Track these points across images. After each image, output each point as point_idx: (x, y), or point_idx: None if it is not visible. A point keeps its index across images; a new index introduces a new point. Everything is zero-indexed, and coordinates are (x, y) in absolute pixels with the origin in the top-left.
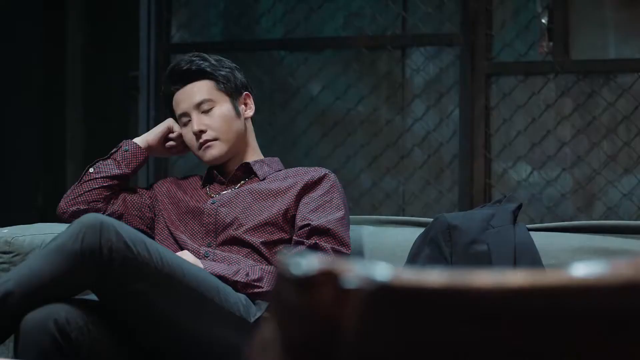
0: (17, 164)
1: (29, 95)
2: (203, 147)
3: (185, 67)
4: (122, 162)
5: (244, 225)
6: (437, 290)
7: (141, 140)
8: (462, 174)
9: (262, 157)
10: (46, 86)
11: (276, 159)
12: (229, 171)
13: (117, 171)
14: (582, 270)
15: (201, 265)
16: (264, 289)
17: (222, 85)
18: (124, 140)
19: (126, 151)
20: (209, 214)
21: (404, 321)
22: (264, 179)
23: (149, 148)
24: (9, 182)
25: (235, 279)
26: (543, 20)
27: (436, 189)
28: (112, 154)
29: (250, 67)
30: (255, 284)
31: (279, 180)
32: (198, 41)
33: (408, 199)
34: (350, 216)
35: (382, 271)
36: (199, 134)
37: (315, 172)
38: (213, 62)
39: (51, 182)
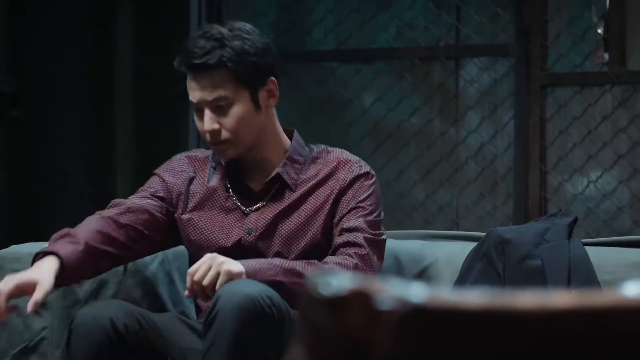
0: (65, 178)
1: (78, 107)
2: (215, 147)
3: (202, 60)
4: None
5: (288, 257)
6: (476, 312)
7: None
8: (516, 187)
9: (284, 146)
10: (95, 98)
11: (296, 142)
12: (250, 168)
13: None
14: (632, 290)
15: (242, 269)
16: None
17: (243, 78)
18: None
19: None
20: (247, 248)
21: (440, 345)
22: (295, 187)
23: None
24: (57, 197)
25: (282, 265)
26: (599, 31)
27: (490, 202)
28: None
29: (302, 79)
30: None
31: (311, 192)
32: None
33: (462, 212)
34: (402, 231)
35: (417, 292)
36: (211, 132)
37: (347, 174)
38: (236, 47)
39: (101, 195)
